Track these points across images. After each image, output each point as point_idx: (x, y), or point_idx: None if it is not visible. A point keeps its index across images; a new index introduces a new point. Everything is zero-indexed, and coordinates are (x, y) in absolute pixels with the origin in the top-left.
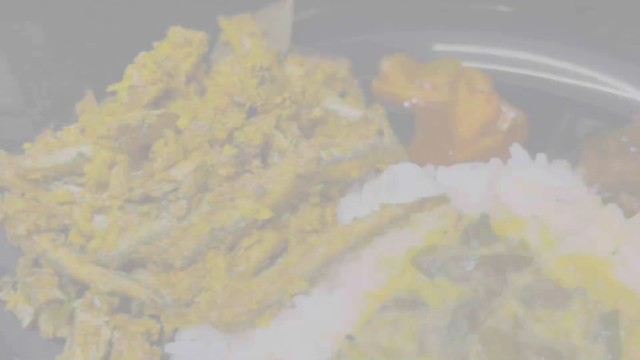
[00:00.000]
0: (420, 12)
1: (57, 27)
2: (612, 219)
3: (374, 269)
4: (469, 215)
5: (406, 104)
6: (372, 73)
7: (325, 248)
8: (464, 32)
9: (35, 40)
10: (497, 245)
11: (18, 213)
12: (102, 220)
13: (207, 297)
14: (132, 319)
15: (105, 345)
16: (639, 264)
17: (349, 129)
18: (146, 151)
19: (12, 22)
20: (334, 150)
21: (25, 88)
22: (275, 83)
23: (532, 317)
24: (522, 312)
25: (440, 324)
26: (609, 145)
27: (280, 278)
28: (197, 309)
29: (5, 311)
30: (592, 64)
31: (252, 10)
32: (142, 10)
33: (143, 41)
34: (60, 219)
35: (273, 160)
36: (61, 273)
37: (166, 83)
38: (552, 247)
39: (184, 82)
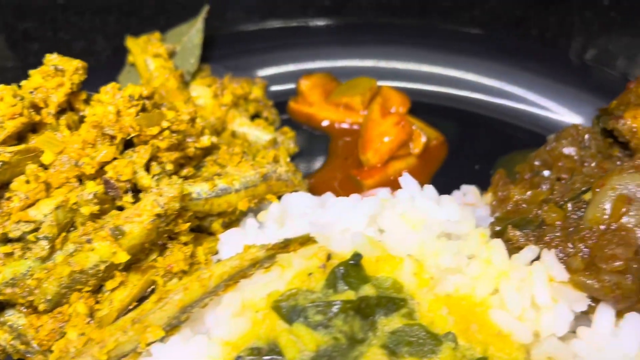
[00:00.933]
0: (345, 30)
1: None
2: (495, 257)
3: (236, 315)
4: (341, 254)
5: (324, 123)
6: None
7: (182, 294)
8: (386, 50)
9: None
10: (366, 288)
11: None
12: None
13: (61, 345)
14: None
15: None
16: (516, 306)
17: (240, 158)
18: (5, 189)
19: None
20: (218, 181)
21: None
22: (152, 112)
23: None
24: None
25: None
26: (521, 170)
27: (134, 326)
28: (49, 358)
29: None
30: (519, 83)
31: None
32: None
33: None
34: None
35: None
36: None
37: (30, 116)
38: (427, 287)
39: (52, 113)
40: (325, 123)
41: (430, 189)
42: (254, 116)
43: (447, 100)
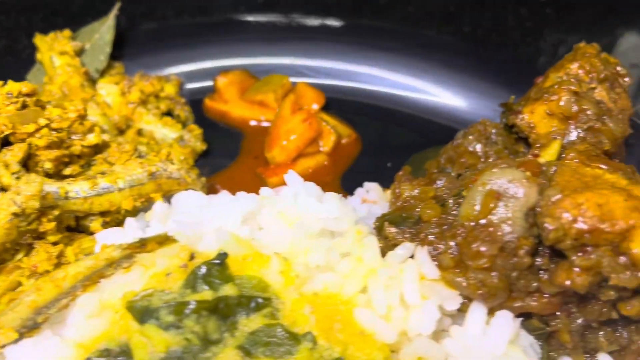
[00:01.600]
0: (262, 27)
1: None
2: (366, 254)
3: (93, 315)
4: (206, 253)
5: (236, 120)
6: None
7: (34, 295)
8: (305, 47)
9: None
10: (227, 287)
11: None
12: None
13: None
14: None
15: None
16: (382, 304)
17: (129, 156)
18: None
19: None
20: (100, 180)
21: None
22: (28, 110)
23: None
24: None
25: None
26: (429, 166)
27: None
28: None
29: None
30: (438, 80)
31: None
32: None
33: None
34: None
35: None
36: None
37: None
38: (293, 286)
39: None
40: (240, 120)
41: (312, 186)
42: (167, 114)
43: (364, 97)
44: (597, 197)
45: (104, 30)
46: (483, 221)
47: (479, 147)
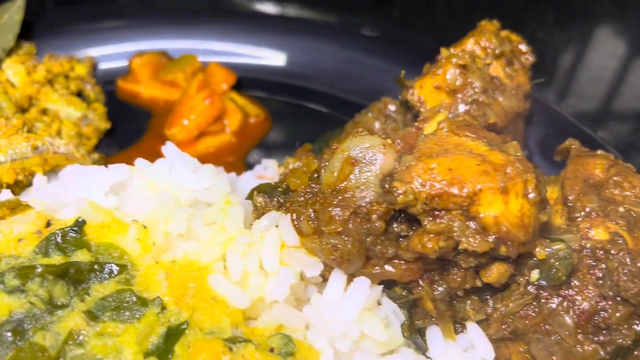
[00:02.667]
0: (180, 10)
1: None
2: (228, 223)
3: None
4: (63, 221)
5: (146, 101)
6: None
7: None
8: (221, 29)
9: None
10: (79, 254)
11: None
12: None
13: None
14: None
15: None
16: (237, 271)
17: (15, 131)
18: None
19: None
20: None
21: None
22: None
23: (94, 332)
24: (83, 325)
25: None
26: (332, 144)
27: None
28: None
29: None
30: (353, 60)
31: None
32: None
33: None
34: None
35: None
36: None
37: None
38: (150, 254)
39: None
40: (150, 101)
41: (188, 158)
42: (78, 95)
43: (279, 76)
44: (450, 161)
45: (13, 11)
46: (341, 187)
47: (377, 125)
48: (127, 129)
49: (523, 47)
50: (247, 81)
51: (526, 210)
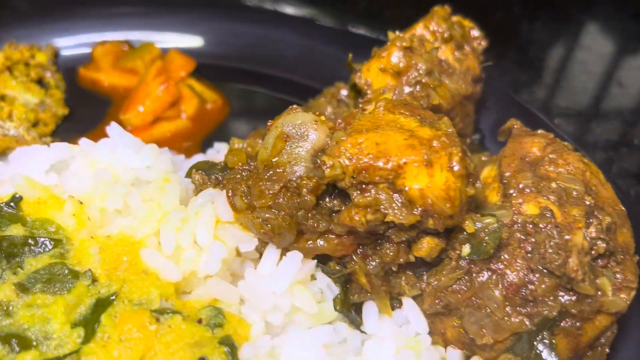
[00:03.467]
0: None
1: None
2: (164, 199)
3: None
4: (1, 197)
5: (106, 87)
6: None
7: None
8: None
9: None
10: (13, 228)
11: None
12: None
13: None
14: None
15: None
16: (170, 245)
17: None
18: None
19: None
20: None
21: None
22: None
23: (23, 303)
24: (13, 297)
25: None
26: None
27: None
28: None
29: None
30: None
31: None
32: None
33: None
34: None
35: None
36: None
37: None
38: (85, 229)
39: None
40: (110, 88)
41: (131, 138)
42: (38, 81)
43: (239, 62)
44: (378, 136)
45: None
46: (273, 162)
47: (329, 109)
48: (86, 116)
49: (475, 33)
50: (207, 68)
51: (451, 183)
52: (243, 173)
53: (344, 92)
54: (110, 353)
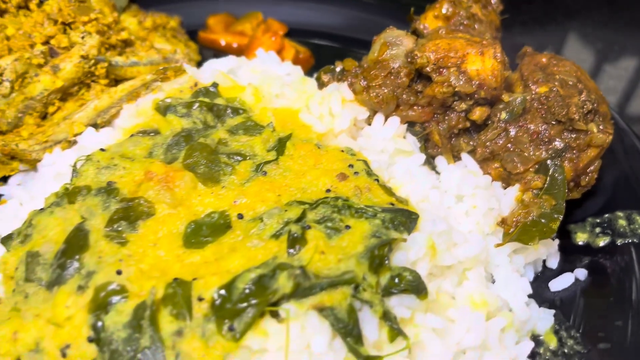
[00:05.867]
0: None
1: None
2: (306, 87)
3: (132, 116)
4: (204, 83)
5: (223, 45)
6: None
7: (97, 102)
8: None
9: None
10: (219, 99)
11: None
12: None
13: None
14: None
15: None
16: (316, 111)
17: (149, 49)
18: None
19: None
20: (131, 56)
21: None
22: (82, 7)
23: (233, 139)
24: (226, 136)
25: (166, 141)
26: None
27: (64, 121)
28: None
29: None
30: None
31: None
32: None
33: None
34: None
35: None
36: None
37: None
38: (261, 103)
39: (14, 6)
40: (226, 46)
41: (275, 55)
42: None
43: (318, 27)
44: (448, 40)
45: None
46: (380, 59)
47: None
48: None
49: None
50: (295, 31)
51: (495, 66)
52: (356, 70)
53: None
54: (296, 161)
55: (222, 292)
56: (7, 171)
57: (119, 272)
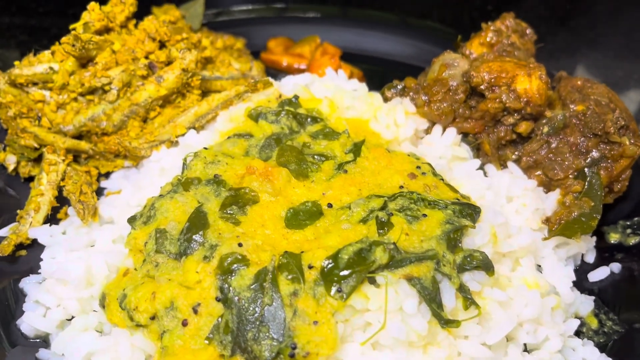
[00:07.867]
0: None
1: None
2: (374, 101)
3: (227, 121)
4: (287, 95)
5: (284, 65)
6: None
7: (197, 108)
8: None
9: None
10: (300, 109)
11: (9, 102)
12: (61, 112)
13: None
14: (79, 166)
15: (61, 173)
16: (384, 121)
17: (228, 65)
18: (92, 61)
19: None
20: (216, 71)
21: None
22: (175, 28)
23: (315, 143)
24: (309, 140)
25: (259, 143)
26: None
27: (168, 124)
28: (119, 141)
29: None
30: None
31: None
32: None
33: None
34: (35, 112)
35: None
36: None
37: (107, 22)
38: (335, 113)
39: (118, 25)
40: (286, 66)
41: (343, 73)
42: None
43: (369, 52)
44: (499, 63)
45: (197, 6)
46: (439, 78)
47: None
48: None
49: (528, 31)
50: (345, 55)
51: (540, 86)
52: (416, 87)
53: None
54: (371, 162)
55: (329, 261)
56: (111, 167)
57: (240, 245)
